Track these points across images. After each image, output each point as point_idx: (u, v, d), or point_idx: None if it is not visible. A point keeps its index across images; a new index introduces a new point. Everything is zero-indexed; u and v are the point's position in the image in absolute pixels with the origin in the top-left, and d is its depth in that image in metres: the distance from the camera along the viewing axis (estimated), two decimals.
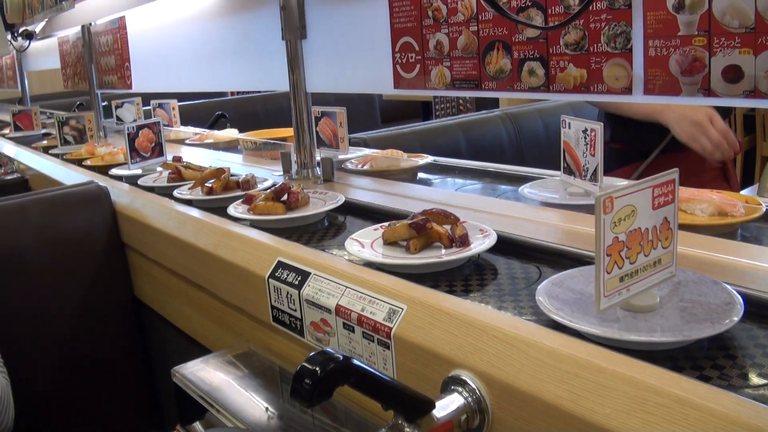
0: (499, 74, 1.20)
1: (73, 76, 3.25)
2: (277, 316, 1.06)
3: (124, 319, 1.72)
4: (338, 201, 1.30)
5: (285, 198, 1.28)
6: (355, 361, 0.64)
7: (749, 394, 0.60)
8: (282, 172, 1.71)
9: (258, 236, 1.20)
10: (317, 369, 0.61)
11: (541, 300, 0.78)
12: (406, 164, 1.74)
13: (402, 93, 1.44)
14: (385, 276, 0.95)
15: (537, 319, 0.78)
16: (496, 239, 0.99)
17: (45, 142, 2.92)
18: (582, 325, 0.71)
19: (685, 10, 0.92)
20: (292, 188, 1.29)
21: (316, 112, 1.78)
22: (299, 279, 1.01)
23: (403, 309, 0.85)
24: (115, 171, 1.94)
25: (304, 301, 0.99)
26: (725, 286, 0.77)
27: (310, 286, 0.99)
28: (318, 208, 1.28)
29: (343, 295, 0.93)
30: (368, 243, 1.04)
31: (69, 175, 2.08)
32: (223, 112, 3.35)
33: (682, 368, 0.65)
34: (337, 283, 0.96)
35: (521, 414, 0.69)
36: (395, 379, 0.82)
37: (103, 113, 3.51)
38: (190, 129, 2.87)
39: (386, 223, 1.08)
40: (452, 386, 0.74)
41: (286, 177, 1.68)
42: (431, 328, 0.80)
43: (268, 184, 1.53)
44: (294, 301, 1.01)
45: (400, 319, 0.84)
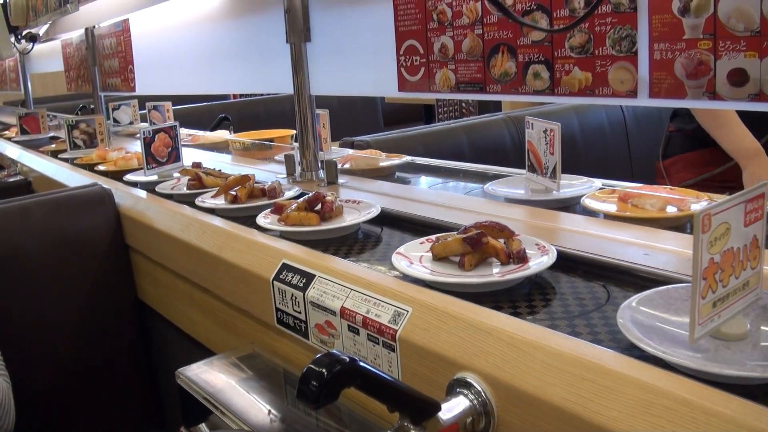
0: (504, 77, 1.20)
1: (77, 79, 3.26)
2: (281, 318, 1.06)
3: (128, 322, 1.72)
4: (374, 211, 1.22)
5: (318, 208, 1.21)
6: (362, 363, 0.64)
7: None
8: (286, 175, 1.71)
9: (262, 238, 1.20)
10: (324, 371, 0.61)
11: (626, 326, 0.69)
12: (384, 164, 1.82)
13: (406, 96, 1.44)
14: (390, 278, 0.95)
15: (616, 346, 0.71)
16: (556, 256, 0.91)
17: (53, 146, 2.84)
18: (679, 359, 0.64)
19: (690, 13, 0.92)
20: (325, 197, 1.22)
21: None
22: (304, 281, 1.01)
23: (408, 311, 0.85)
24: (129, 177, 1.84)
25: (309, 303, 0.99)
26: None
27: (314, 288, 0.99)
28: (353, 218, 1.21)
29: (347, 297, 0.93)
30: (416, 258, 0.97)
31: (72, 177, 2.08)
32: (226, 114, 3.35)
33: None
34: (342, 285, 0.96)
35: (527, 417, 0.69)
36: (401, 381, 0.82)
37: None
38: (184, 130, 2.90)
39: (433, 237, 1.01)
40: (458, 389, 0.74)
41: (290, 179, 1.68)
42: (437, 330, 0.80)
43: (291, 194, 1.45)
44: (299, 303, 1.01)
45: (406, 321, 0.84)
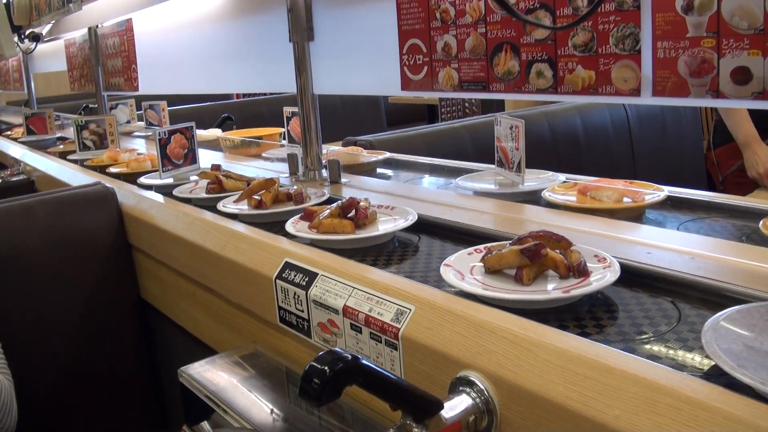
0: (507, 76, 1.20)
1: (80, 78, 3.26)
2: (284, 316, 1.06)
3: (130, 321, 1.72)
4: (410, 218, 1.15)
5: (352, 214, 1.15)
6: (364, 361, 0.64)
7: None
8: (288, 174, 1.72)
9: (265, 237, 1.20)
10: (326, 368, 0.61)
11: (715, 352, 0.64)
12: (365, 160, 1.86)
13: (409, 95, 1.44)
14: (393, 276, 0.95)
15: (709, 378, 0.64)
16: (619, 270, 0.84)
17: (61, 146, 2.77)
18: None
19: (693, 11, 0.92)
20: (360, 203, 1.17)
21: (288, 112, 2.01)
22: (306, 280, 1.01)
23: (410, 310, 0.85)
24: (144, 180, 1.77)
25: (312, 301, 0.99)
26: None
27: (317, 286, 0.99)
28: (390, 225, 1.15)
29: (350, 295, 0.93)
30: (466, 270, 0.91)
31: (75, 177, 2.08)
32: (230, 114, 3.36)
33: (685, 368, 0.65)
34: (345, 283, 0.96)
35: (529, 415, 0.69)
36: (403, 379, 0.82)
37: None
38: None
39: (482, 246, 0.95)
40: (460, 387, 0.74)
41: (293, 179, 1.68)
42: (439, 329, 0.80)
43: (319, 198, 1.37)
44: (301, 301, 1.01)
45: (408, 319, 0.84)
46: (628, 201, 1.20)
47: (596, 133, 2.70)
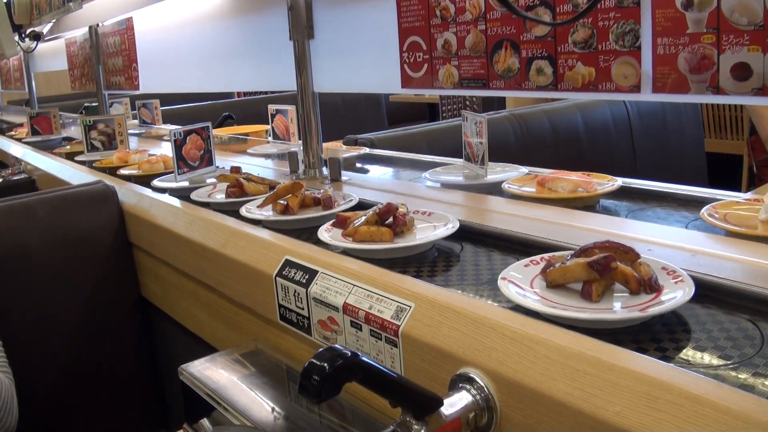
0: (507, 73, 1.20)
1: (81, 78, 3.26)
2: (284, 314, 1.06)
3: (131, 319, 1.72)
4: (451, 225, 1.08)
5: (390, 221, 1.09)
6: (364, 358, 0.64)
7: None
8: (289, 172, 1.72)
9: (265, 234, 1.20)
10: (325, 365, 0.61)
11: None
12: (345, 155, 1.88)
13: (409, 92, 1.44)
14: (393, 274, 0.95)
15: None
16: (694, 288, 0.77)
17: (68, 147, 2.67)
18: None
19: (693, 7, 0.91)
20: (398, 209, 1.10)
21: (272, 109, 2.04)
22: (307, 277, 1.01)
23: (410, 307, 0.85)
24: (157, 183, 1.71)
25: (312, 299, 0.99)
26: None
27: (317, 284, 0.99)
28: (429, 232, 1.08)
29: (350, 293, 0.93)
30: (525, 284, 0.84)
31: (76, 175, 2.08)
32: (230, 113, 3.36)
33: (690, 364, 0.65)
34: (345, 281, 0.96)
35: (530, 412, 0.69)
36: (403, 376, 0.82)
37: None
38: (171, 126, 3.04)
39: (537, 258, 0.90)
40: (460, 384, 0.74)
41: (293, 177, 1.68)
42: (439, 326, 0.80)
43: (348, 203, 1.30)
44: (301, 299, 1.01)
45: (408, 317, 0.84)
46: (582, 191, 1.28)
47: (597, 131, 2.69)
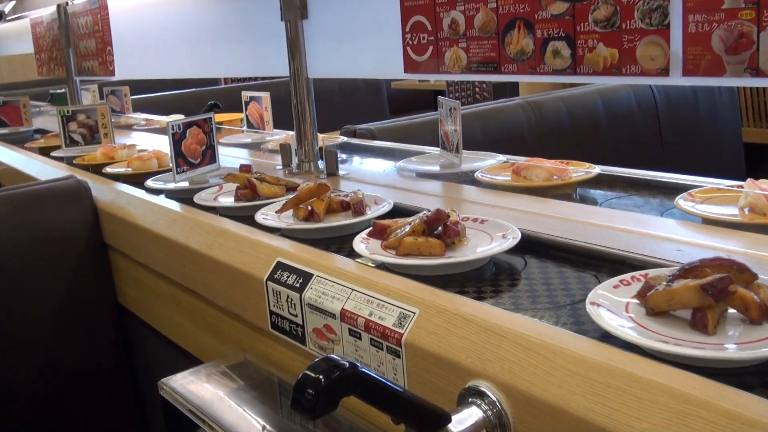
0: (521, 56, 1.19)
1: (48, 62, 3.26)
2: (276, 322, 1.06)
3: (107, 327, 1.72)
4: (512, 236, 1.01)
5: (440, 231, 1.02)
6: (363, 369, 0.63)
7: None
8: (282, 166, 1.71)
9: (254, 234, 1.20)
10: (321, 377, 0.61)
11: None
12: (320, 145, 1.88)
13: (413, 78, 1.44)
14: (395, 277, 0.94)
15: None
16: None
17: (42, 140, 2.55)
18: None
19: None
20: (449, 216, 1.03)
21: (245, 96, 2.06)
22: (300, 281, 1.01)
23: (414, 313, 0.84)
24: (152, 183, 1.63)
25: (306, 305, 0.98)
26: None
27: (312, 289, 0.99)
28: (486, 244, 1.01)
29: (348, 298, 0.93)
30: (619, 309, 0.77)
31: (44, 170, 2.08)
32: (217, 101, 3.35)
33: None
34: (342, 285, 0.95)
35: (547, 429, 0.69)
36: (407, 390, 0.81)
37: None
38: (141, 115, 3.08)
39: (628, 276, 0.83)
40: (470, 398, 0.74)
41: (286, 171, 1.68)
42: (446, 334, 0.80)
43: (383, 208, 1.22)
44: (295, 305, 1.01)
45: (412, 324, 0.84)
46: (557, 179, 1.35)
47: (620, 119, 2.69)
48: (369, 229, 1.10)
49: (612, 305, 0.77)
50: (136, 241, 1.51)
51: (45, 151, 2.36)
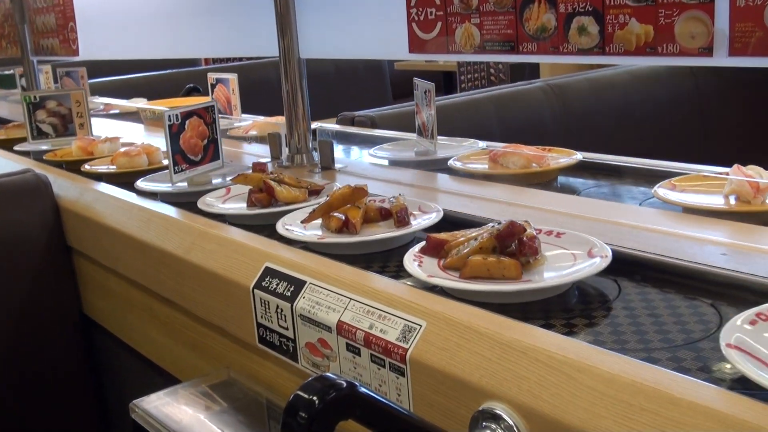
0: (541, 33, 1.20)
1: (0, 40, 3.25)
2: (263, 335, 1.06)
3: (70, 342, 1.72)
4: (600, 252, 0.94)
5: (513, 247, 0.96)
6: (363, 389, 0.64)
7: None
8: (270, 158, 1.72)
9: (239, 236, 1.20)
10: (315, 398, 0.61)
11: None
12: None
13: (419, 58, 1.44)
14: (399, 285, 0.95)
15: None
16: None
17: (2, 131, 2.47)
18: None
19: None
20: (525, 229, 0.97)
21: (211, 78, 2.08)
22: (292, 289, 1.02)
23: (421, 326, 0.85)
24: (143, 184, 1.54)
25: (298, 316, 0.99)
26: None
27: (305, 297, 0.99)
28: (569, 264, 0.95)
29: (346, 308, 0.93)
30: (763, 354, 0.69)
31: (6, 165, 2.08)
32: (196, 85, 3.36)
33: None
34: (339, 293, 0.96)
35: None
36: (413, 413, 0.82)
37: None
38: (100, 99, 3.11)
39: (766, 310, 0.75)
40: (483, 422, 0.74)
41: (275, 164, 1.68)
42: (457, 349, 0.80)
43: (429, 219, 1.15)
44: (285, 317, 1.01)
45: (418, 338, 0.84)
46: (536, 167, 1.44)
47: (656, 106, 2.69)
48: (421, 244, 1.03)
49: (753, 349, 0.69)
50: (104, 243, 1.52)
51: (6, 145, 2.28)
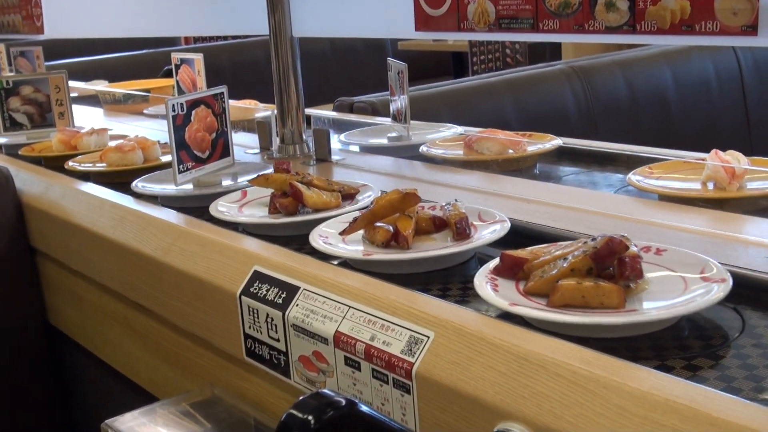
0: (564, 9, 1.20)
1: None
2: (252, 348, 1.07)
3: (34, 354, 1.73)
4: (719, 279, 0.87)
5: (613, 269, 0.90)
6: (363, 408, 0.64)
7: None
8: (259, 149, 1.72)
9: (225, 236, 1.21)
10: (310, 418, 0.61)
11: None
12: (260, 115, 1.95)
13: (426, 37, 1.44)
14: (405, 292, 0.95)
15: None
16: None
17: None
18: None
19: None
20: (626, 247, 0.89)
21: (175, 59, 2.05)
22: (284, 296, 1.02)
23: (428, 337, 0.85)
24: (142, 186, 1.48)
25: (291, 326, 0.99)
26: None
27: (298, 305, 0.99)
28: (679, 288, 0.88)
29: (344, 317, 0.94)
30: None
31: None
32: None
33: None
34: (337, 301, 0.96)
35: None
36: None
37: None
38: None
39: None
40: None
41: (265, 156, 1.68)
42: (469, 363, 0.80)
43: (494, 231, 1.08)
44: (276, 327, 1.01)
45: (425, 351, 0.84)
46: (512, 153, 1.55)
47: (693, 91, 2.69)
48: (493, 262, 0.96)
49: None
50: (73, 244, 1.52)
51: None
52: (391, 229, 1.08)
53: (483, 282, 0.92)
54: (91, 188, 1.56)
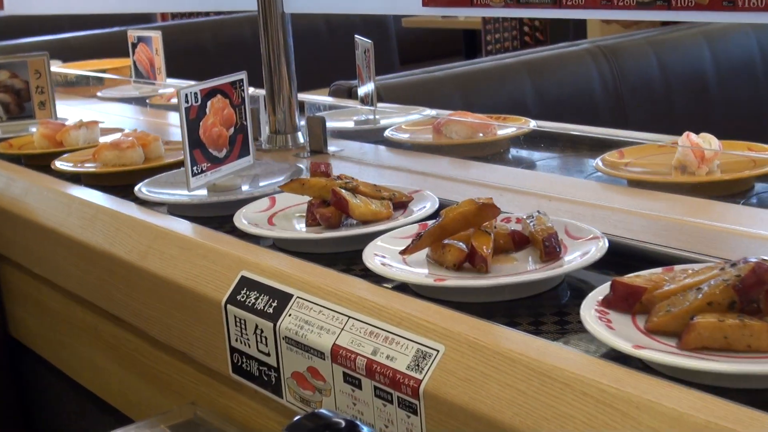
0: None
1: None
2: (239, 363, 1.07)
3: None
4: None
5: (762, 302, 0.80)
6: (364, 430, 0.64)
7: None
8: None
9: (209, 238, 1.21)
10: None
11: None
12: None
13: (434, 13, 1.44)
14: (412, 300, 0.95)
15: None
16: None
17: None
18: None
19: None
20: None
21: (132, 37, 2.17)
22: (275, 305, 1.02)
23: (438, 351, 0.85)
24: (147, 192, 1.41)
25: (283, 339, 0.99)
26: None
27: (291, 315, 1.00)
28: None
29: (343, 329, 0.94)
30: None
31: None
32: None
33: None
34: (335, 311, 0.96)
35: None
36: None
37: None
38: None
39: None
40: None
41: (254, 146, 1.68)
42: (484, 380, 0.80)
43: (593, 252, 0.99)
44: (266, 339, 1.02)
45: (434, 366, 0.84)
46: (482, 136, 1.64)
47: (735, 74, 2.69)
48: (602, 290, 0.89)
49: None
50: (38, 248, 1.52)
51: None
52: (465, 248, 1.01)
53: (593, 317, 0.83)
54: (55, 184, 1.55)
